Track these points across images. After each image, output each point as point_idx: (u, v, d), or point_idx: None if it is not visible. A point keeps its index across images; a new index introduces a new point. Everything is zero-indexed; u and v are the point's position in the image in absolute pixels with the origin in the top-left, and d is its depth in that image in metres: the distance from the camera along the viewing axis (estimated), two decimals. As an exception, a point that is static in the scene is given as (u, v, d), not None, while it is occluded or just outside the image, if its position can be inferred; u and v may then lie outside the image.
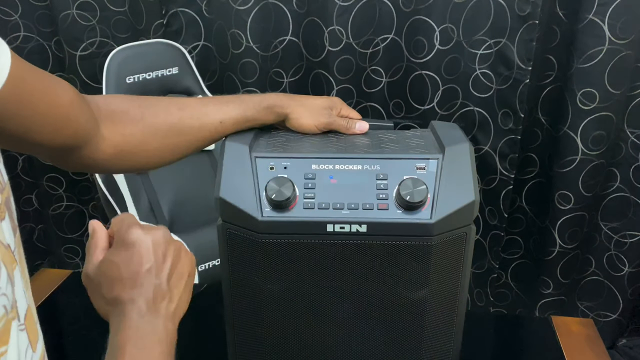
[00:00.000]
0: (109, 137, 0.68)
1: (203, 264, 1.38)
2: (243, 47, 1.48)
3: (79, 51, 1.49)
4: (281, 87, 1.54)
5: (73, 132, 0.61)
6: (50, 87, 0.57)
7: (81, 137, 0.63)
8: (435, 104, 1.45)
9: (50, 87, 0.57)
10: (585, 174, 1.36)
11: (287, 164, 0.70)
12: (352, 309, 0.72)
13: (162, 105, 0.74)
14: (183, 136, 0.74)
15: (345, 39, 1.40)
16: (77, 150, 0.65)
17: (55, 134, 0.59)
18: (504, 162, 1.44)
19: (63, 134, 0.60)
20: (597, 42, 1.24)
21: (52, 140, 0.59)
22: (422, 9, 1.36)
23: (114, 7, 1.49)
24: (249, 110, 0.75)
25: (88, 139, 0.65)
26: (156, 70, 1.40)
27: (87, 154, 0.66)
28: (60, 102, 0.58)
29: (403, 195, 0.65)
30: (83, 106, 0.63)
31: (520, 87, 1.34)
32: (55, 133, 0.59)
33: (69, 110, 0.60)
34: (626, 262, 1.46)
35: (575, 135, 1.33)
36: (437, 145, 0.73)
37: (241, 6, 1.44)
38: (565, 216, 1.42)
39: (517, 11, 1.29)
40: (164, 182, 1.43)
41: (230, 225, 0.69)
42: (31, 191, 1.71)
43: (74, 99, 0.60)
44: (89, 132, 0.65)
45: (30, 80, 0.54)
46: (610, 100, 1.29)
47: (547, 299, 1.54)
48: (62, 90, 0.59)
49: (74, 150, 0.64)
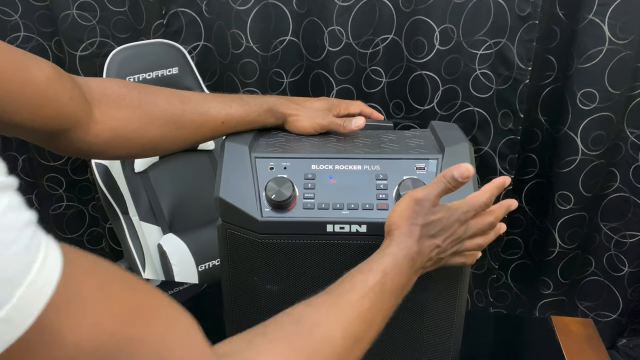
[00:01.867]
0: (103, 120, 0.66)
1: (203, 264, 1.38)
2: (243, 47, 1.48)
3: (79, 51, 1.50)
4: (281, 87, 1.54)
5: (54, 112, 0.60)
6: (23, 65, 0.56)
7: (66, 118, 0.62)
8: (435, 104, 1.45)
9: (23, 65, 0.56)
10: (585, 174, 1.36)
11: (286, 164, 0.70)
12: (352, 309, 0.72)
13: (163, 95, 0.73)
14: (182, 129, 0.73)
15: (345, 39, 1.40)
16: (67, 133, 0.63)
17: (34, 114, 0.57)
18: (503, 162, 1.44)
19: (43, 114, 0.58)
20: (597, 42, 1.24)
21: (33, 120, 0.57)
22: (422, 9, 1.36)
23: (114, 7, 1.49)
24: (252, 112, 0.76)
25: (76, 120, 0.63)
26: (156, 70, 1.40)
27: (79, 137, 0.65)
28: (34, 80, 0.56)
29: (403, 195, 0.65)
30: (65, 85, 0.61)
31: (520, 87, 1.34)
32: (34, 113, 0.57)
33: (46, 89, 0.58)
34: (626, 262, 1.46)
35: (575, 135, 1.33)
36: (437, 145, 0.73)
37: (241, 6, 1.44)
38: (565, 216, 1.42)
39: (517, 11, 1.29)
40: (164, 182, 1.43)
41: (230, 225, 0.69)
42: (31, 191, 1.71)
43: (52, 76, 0.59)
44: (76, 114, 0.63)
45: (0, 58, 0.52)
46: (610, 101, 1.29)
47: (547, 299, 1.54)
48: (37, 68, 0.57)
49: (64, 133, 0.63)
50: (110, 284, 0.36)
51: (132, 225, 1.39)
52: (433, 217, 0.60)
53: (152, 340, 0.37)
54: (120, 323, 0.35)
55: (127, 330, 0.35)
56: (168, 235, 1.39)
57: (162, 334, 0.38)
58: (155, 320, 0.38)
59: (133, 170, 1.38)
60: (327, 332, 0.49)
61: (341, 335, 0.50)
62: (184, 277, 1.34)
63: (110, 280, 0.36)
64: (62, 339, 0.31)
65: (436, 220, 0.60)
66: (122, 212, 1.38)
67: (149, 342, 0.36)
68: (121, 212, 1.38)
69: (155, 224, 1.41)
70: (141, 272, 1.39)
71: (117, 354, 0.34)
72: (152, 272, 1.38)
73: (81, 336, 0.32)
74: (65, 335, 0.32)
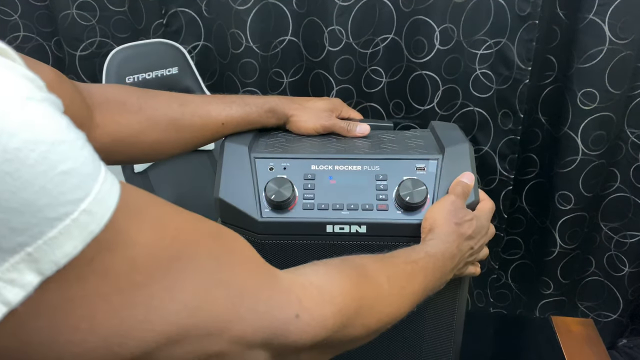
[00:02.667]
0: (103, 124, 0.67)
1: (203, 264, 1.38)
2: (243, 47, 1.48)
3: (78, 51, 1.49)
4: (281, 87, 1.54)
5: None
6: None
7: None
8: (435, 104, 1.45)
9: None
10: (586, 174, 1.36)
11: (286, 164, 0.70)
12: (352, 310, 0.72)
13: (162, 98, 0.73)
14: (183, 132, 0.73)
15: (345, 39, 1.40)
16: None
17: None
18: (503, 162, 1.44)
19: None
20: (597, 42, 1.24)
21: None
22: (422, 9, 1.36)
23: (113, 7, 1.49)
24: (252, 113, 0.75)
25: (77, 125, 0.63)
26: (156, 70, 1.40)
27: None
28: None
29: (403, 196, 0.65)
30: (66, 90, 0.62)
31: (520, 87, 1.34)
32: None
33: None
34: (626, 262, 1.46)
35: (575, 135, 1.33)
36: (437, 145, 0.73)
37: (241, 6, 1.44)
38: (565, 216, 1.41)
39: (517, 11, 1.29)
40: (163, 182, 1.43)
41: (229, 225, 0.69)
42: (31, 191, 1.71)
43: (52, 81, 0.59)
44: (77, 118, 0.62)
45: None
46: (610, 100, 1.29)
47: (547, 300, 1.54)
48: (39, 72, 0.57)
49: None
50: (157, 201, 0.40)
51: (132, 225, 1.39)
52: (467, 217, 0.64)
53: (209, 245, 0.41)
54: (176, 230, 0.39)
55: (185, 235, 0.40)
56: (168, 236, 1.39)
57: (220, 241, 0.43)
58: (208, 232, 0.42)
59: (133, 170, 1.38)
60: (373, 272, 0.53)
61: (386, 279, 0.53)
62: (184, 277, 1.34)
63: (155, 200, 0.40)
64: (132, 240, 0.35)
65: (469, 221, 0.64)
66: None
67: (213, 250, 0.41)
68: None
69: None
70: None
71: (178, 254, 0.38)
72: (152, 272, 1.38)
73: (148, 238, 0.36)
74: (134, 236, 0.35)
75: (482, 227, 0.66)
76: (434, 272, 0.59)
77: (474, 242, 0.65)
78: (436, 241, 0.62)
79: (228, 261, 0.42)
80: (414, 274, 0.57)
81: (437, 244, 0.61)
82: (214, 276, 0.40)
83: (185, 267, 0.38)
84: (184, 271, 0.38)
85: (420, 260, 0.58)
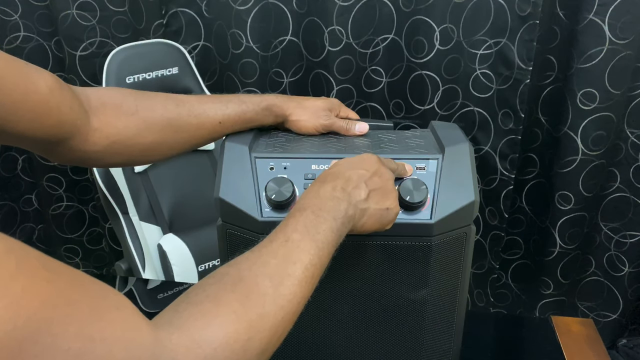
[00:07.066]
0: (100, 128, 0.67)
1: (203, 264, 1.38)
2: (243, 47, 1.48)
3: (79, 51, 1.49)
4: (281, 87, 1.54)
5: (56, 122, 0.60)
6: (25, 75, 0.56)
7: (66, 127, 0.62)
8: (435, 104, 1.45)
9: (26, 75, 0.57)
10: (586, 174, 1.36)
11: (286, 164, 0.70)
12: (352, 310, 0.72)
13: (158, 100, 0.73)
14: (180, 133, 0.73)
15: (345, 39, 1.40)
16: (66, 142, 0.64)
17: (36, 123, 0.58)
18: (504, 162, 1.44)
19: (45, 124, 0.59)
20: (597, 42, 1.24)
21: (34, 129, 0.58)
22: (422, 9, 1.36)
23: (113, 7, 1.49)
24: (249, 111, 0.75)
25: (75, 129, 0.64)
26: (156, 70, 1.40)
27: (76, 146, 0.65)
28: (37, 90, 0.57)
29: (403, 195, 0.65)
30: (65, 95, 0.62)
31: (520, 87, 1.34)
32: (36, 122, 0.58)
33: (48, 98, 0.59)
34: (626, 262, 1.46)
35: (575, 135, 1.33)
36: (437, 145, 0.73)
37: (241, 6, 1.44)
38: (565, 216, 1.42)
39: (517, 11, 1.29)
40: (164, 182, 1.43)
41: (230, 225, 0.69)
42: (31, 191, 1.71)
43: (53, 87, 0.59)
44: (75, 123, 0.64)
45: (2, 67, 0.53)
46: (610, 100, 1.29)
47: (547, 300, 1.54)
48: (39, 78, 0.58)
49: (63, 142, 0.64)
50: (28, 264, 0.34)
51: (132, 225, 1.39)
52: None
53: (76, 320, 0.35)
54: (39, 304, 0.33)
55: (47, 311, 0.33)
56: (168, 235, 1.39)
57: (87, 313, 0.36)
58: (79, 300, 0.36)
59: (133, 170, 1.38)
60: (253, 281, 0.48)
61: (269, 282, 0.49)
62: (184, 277, 1.34)
63: (28, 260, 0.34)
64: None
65: (325, 171, 0.63)
66: (122, 212, 1.38)
67: (73, 322, 0.35)
68: (121, 212, 1.38)
69: (155, 224, 1.41)
70: (141, 272, 1.39)
71: (36, 336, 0.32)
72: (152, 272, 1.38)
73: None
74: None
75: (342, 164, 0.61)
76: (308, 229, 0.54)
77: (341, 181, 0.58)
78: (297, 203, 0.58)
79: (101, 337, 0.36)
80: (291, 252, 0.52)
81: (298, 202, 0.57)
82: (85, 357, 0.35)
83: (43, 353, 0.33)
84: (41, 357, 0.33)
85: (294, 233, 0.53)
